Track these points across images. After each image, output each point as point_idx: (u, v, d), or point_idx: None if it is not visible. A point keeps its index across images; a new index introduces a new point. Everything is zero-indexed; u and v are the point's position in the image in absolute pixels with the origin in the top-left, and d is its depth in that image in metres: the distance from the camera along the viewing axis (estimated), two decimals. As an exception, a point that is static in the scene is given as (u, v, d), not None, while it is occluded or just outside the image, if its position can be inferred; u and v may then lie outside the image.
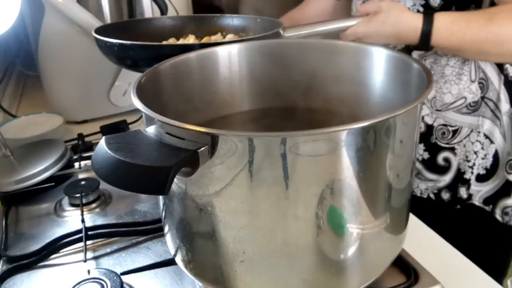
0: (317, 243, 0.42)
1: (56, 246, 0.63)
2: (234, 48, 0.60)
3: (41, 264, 0.61)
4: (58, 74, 1.05)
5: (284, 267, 0.43)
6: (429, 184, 0.89)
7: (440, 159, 0.86)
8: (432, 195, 0.89)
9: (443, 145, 0.85)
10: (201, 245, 0.46)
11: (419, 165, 0.88)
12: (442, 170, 0.86)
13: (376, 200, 0.44)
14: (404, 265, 0.55)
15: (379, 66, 0.55)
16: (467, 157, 0.84)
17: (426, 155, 0.87)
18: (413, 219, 0.69)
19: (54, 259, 0.62)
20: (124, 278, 0.56)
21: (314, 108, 0.60)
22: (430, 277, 0.54)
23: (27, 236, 0.68)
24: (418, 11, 0.80)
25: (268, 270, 0.44)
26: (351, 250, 0.44)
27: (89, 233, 0.64)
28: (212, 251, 0.44)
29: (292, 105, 0.61)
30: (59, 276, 0.59)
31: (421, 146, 0.86)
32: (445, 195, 0.88)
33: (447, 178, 0.87)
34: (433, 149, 0.86)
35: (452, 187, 0.87)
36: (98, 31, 0.78)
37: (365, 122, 0.38)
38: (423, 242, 0.63)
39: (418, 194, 0.91)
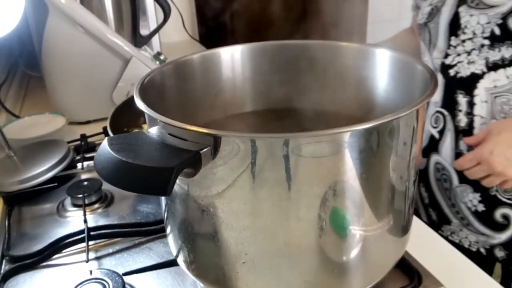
0: (320, 244, 0.42)
1: (58, 246, 0.63)
2: (237, 50, 0.60)
3: (44, 264, 0.62)
4: (61, 75, 1.06)
5: (286, 268, 0.43)
6: (481, 238, 0.78)
7: (497, 215, 0.74)
8: (482, 250, 0.78)
9: (504, 199, 0.73)
10: (203, 246, 0.46)
11: (470, 216, 0.77)
12: (499, 227, 0.75)
13: (379, 202, 0.44)
14: (407, 268, 0.55)
15: (382, 67, 0.55)
16: None
17: (481, 207, 0.75)
18: (416, 221, 0.68)
19: (57, 259, 0.62)
20: (126, 279, 0.56)
21: (317, 110, 0.60)
22: (433, 279, 0.54)
23: (29, 236, 0.68)
24: (493, 31, 0.69)
25: (270, 272, 0.44)
26: (354, 252, 0.44)
27: (92, 233, 0.64)
28: (214, 252, 0.44)
29: (295, 107, 0.61)
30: (61, 276, 0.59)
31: (477, 196, 0.75)
32: (499, 253, 0.77)
33: (503, 236, 0.75)
34: (491, 202, 0.75)
35: (509, 246, 0.75)
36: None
37: (368, 123, 0.37)
38: (427, 245, 0.63)
39: (466, 246, 0.80)
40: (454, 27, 0.74)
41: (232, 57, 0.60)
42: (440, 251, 0.63)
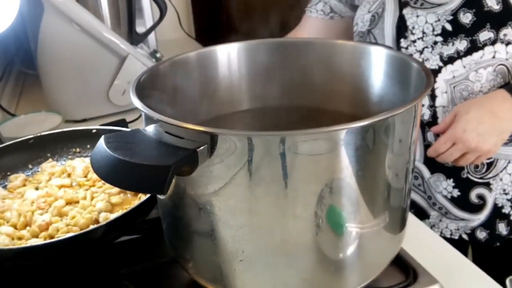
0: (316, 242, 0.42)
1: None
2: (234, 48, 0.60)
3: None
4: (57, 73, 1.05)
5: (283, 266, 0.43)
6: (461, 224, 0.80)
7: (473, 196, 0.77)
8: (464, 236, 0.80)
9: (476, 179, 0.76)
10: (200, 244, 0.46)
11: (447, 204, 0.79)
12: (475, 208, 0.77)
13: (375, 199, 0.44)
14: (403, 264, 0.55)
15: (378, 65, 0.55)
16: (504, 190, 0.76)
17: (456, 192, 0.78)
18: (412, 218, 0.69)
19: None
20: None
21: (313, 108, 0.60)
22: (429, 276, 0.54)
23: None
24: (444, 28, 0.72)
25: (267, 269, 0.44)
26: (350, 249, 0.44)
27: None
28: (211, 250, 0.44)
29: (291, 104, 0.61)
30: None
31: (450, 182, 0.78)
32: (481, 234, 0.79)
33: (481, 217, 0.78)
34: (465, 185, 0.77)
35: (488, 224, 0.78)
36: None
37: (364, 121, 0.38)
38: (422, 241, 0.63)
39: (448, 236, 0.82)
40: (401, 29, 0.75)
41: (229, 55, 0.60)
42: (436, 248, 0.63)
